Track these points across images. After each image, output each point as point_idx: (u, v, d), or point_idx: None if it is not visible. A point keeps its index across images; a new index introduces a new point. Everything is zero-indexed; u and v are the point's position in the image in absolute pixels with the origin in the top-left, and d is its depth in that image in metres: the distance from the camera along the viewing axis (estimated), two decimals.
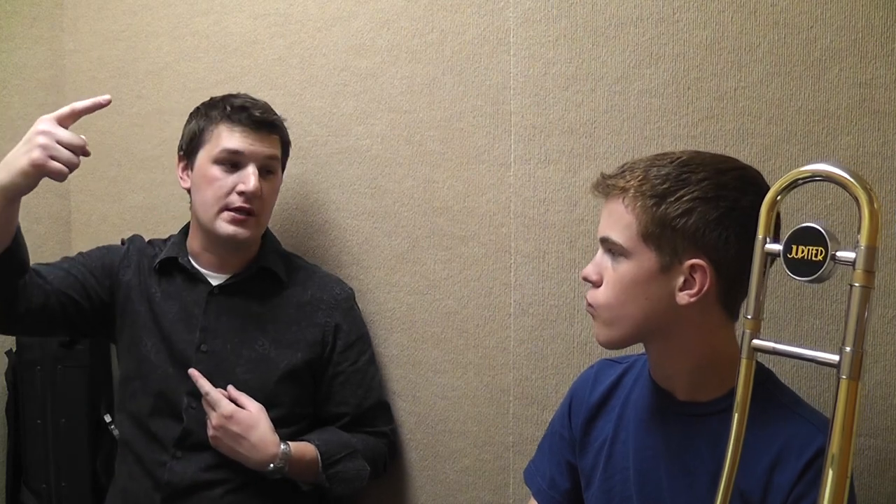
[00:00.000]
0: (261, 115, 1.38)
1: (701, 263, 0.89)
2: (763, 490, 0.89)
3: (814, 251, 0.71)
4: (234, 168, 1.36)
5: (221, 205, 1.35)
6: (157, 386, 1.38)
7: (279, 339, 1.40)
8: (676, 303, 0.91)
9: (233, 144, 1.36)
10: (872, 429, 1.12)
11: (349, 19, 1.55)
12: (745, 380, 0.77)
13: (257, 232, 1.41)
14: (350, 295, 1.50)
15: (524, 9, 1.37)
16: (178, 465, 1.35)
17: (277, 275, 1.44)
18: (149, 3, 1.80)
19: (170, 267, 1.44)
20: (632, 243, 0.92)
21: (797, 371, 1.15)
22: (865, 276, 0.68)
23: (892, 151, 1.10)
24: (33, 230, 1.85)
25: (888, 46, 1.10)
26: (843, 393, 0.67)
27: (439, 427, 1.50)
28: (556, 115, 1.34)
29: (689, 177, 0.90)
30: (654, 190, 0.90)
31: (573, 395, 1.14)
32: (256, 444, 1.29)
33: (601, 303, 0.95)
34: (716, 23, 1.21)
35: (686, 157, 0.93)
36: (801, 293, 1.16)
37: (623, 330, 0.95)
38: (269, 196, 1.41)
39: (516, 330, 1.41)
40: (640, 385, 1.05)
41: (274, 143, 1.41)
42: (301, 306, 1.44)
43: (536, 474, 1.17)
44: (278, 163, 1.43)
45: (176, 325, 1.40)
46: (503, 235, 1.41)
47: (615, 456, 1.04)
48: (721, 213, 0.88)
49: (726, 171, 0.91)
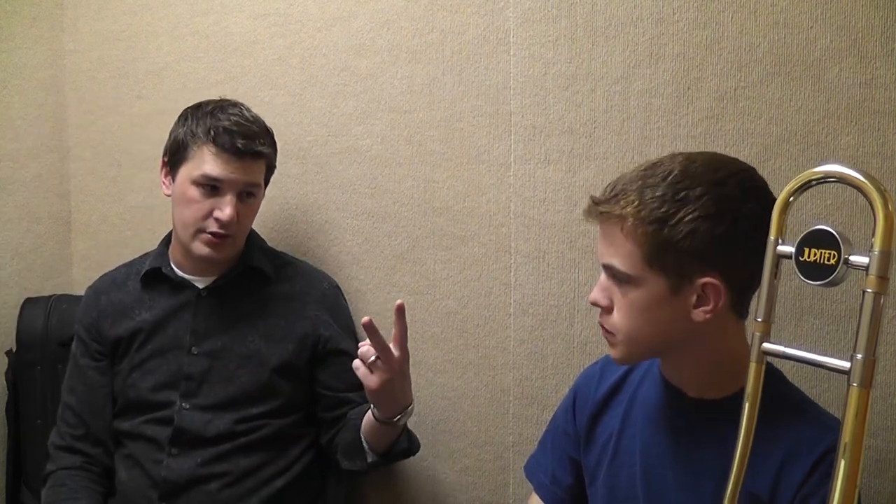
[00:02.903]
0: (244, 145, 1.34)
1: (712, 281, 0.87)
2: (772, 489, 0.88)
3: (826, 255, 0.68)
4: (213, 192, 1.34)
5: (198, 227, 1.35)
6: (149, 395, 1.39)
7: (269, 334, 1.41)
8: (692, 319, 0.90)
9: (213, 171, 1.33)
10: (872, 429, 1.12)
11: (349, 19, 1.55)
12: (755, 383, 0.75)
13: (233, 250, 1.41)
14: (336, 289, 1.51)
15: (524, 9, 1.36)
16: (175, 462, 1.35)
17: (264, 272, 1.44)
18: (149, 3, 1.80)
19: (154, 279, 1.44)
20: (637, 270, 0.89)
21: (797, 370, 1.15)
22: (879, 283, 0.65)
23: (892, 151, 1.10)
24: (33, 230, 1.85)
25: (888, 46, 1.10)
26: (853, 401, 0.65)
27: (439, 427, 1.50)
28: (556, 115, 1.34)
29: (687, 195, 0.87)
30: (652, 215, 0.87)
31: (577, 390, 1.14)
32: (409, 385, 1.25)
33: (620, 330, 0.93)
34: (716, 23, 1.21)
35: (678, 172, 0.88)
36: (800, 294, 1.16)
37: (642, 349, 0.95)
38: (247, 218, 1.40)
39: (516, 330, 1.41)
40: (648, 381, 1.04)
41: (257, 169, 1.39)
42: (289, 301, 1.44)
43: (538, 469, 1.17)
44: (260, 187, 1.41)
45: (166, 333, 1.41)
46: (503, 235, 1.41)
47: (621, 452, 1.03)
48: (726, 227, 0.86)
49: (723, 182, 0.88)
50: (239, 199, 1.36)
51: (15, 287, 1.80)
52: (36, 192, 1.86)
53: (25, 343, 1.75)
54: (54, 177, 1.89)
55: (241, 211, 1.36)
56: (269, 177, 1.46)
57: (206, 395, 1.38)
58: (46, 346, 1.73)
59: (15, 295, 1.78)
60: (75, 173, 1.91)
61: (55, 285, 1.88)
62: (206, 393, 1.38)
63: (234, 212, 1.34)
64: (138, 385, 1.40)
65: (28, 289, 1.83)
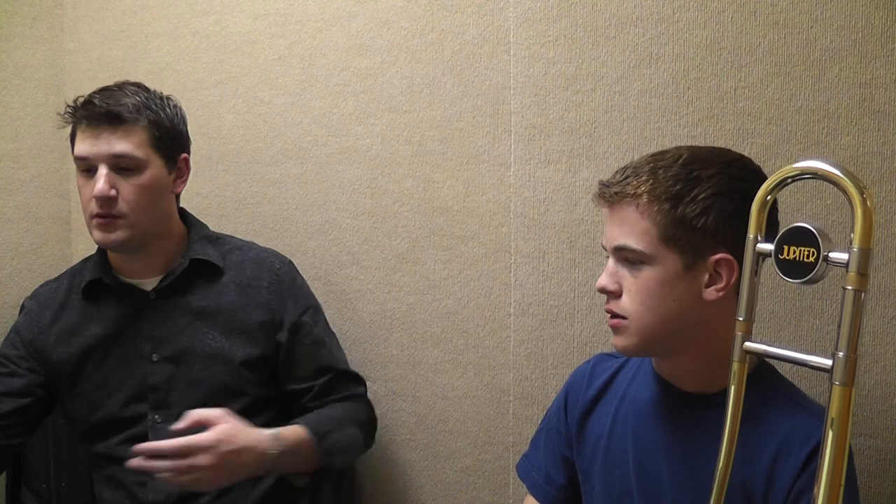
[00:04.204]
0: (101, 105, 1.24)
1: (726, 257, 0.89)
2: (766, 482, 0.89)
3: (806, 252, 0.68)
4: (90, 173, 1.27)
5: (88, 213, 1.28)
6: (118, 413, 1.33)
7: (230, 329, 1.34)
8: (704, 300, 0.91)
9: (79, 150, 1.27)
10: (872, 429, 1.12)
11: (349, 19, 1.55)
12: (738, 383, 0.75)
13: (131, 233, 1.28)
14: (289, 266, 1.43)
15: (524, 9, 1.36)
16: (157, 483, 1.26)
17: (211, 262, 1.36)
18: (149, 3, 1.80)
19: (97, 289, 1.36)
20: (653, 248, 0.91)
21: (796, 370, 1.15)
22: (859, 279, 0.64)
23: (892, 151, 1.10)
24: (33, 230, 1.85)
25: (888, 46, 1.10)
26: (835, 399, 0.65)
27: (439, 427, 1.50)
28: (556, 115, 1.34)
29: (700, 174, 0.90)
30: (668, 192, 0.90)
31: (569, 389, 1.14)
32: (249, 443, 1.18)
33: (631, 312, 0.93)
34: (716, 23, 1.21)
35: (687, 155, 0.93)
36: (800, 293, 1.16)
37: (653, 336, 0.93)
38: (134, 195, 1.27)
39: (516, 330, 1.41)
40: (639, 379, 1.05)
41: (125, 137, 1.26)
42: (242, 288, 1.37)
43: (531, 469, 1.17)
44: (137, 159, 1.27)
45: (123, 345, 1.34)
46: (503, 235, 1.41)
47: (612, 450, 1.04)
48: (737, 205, 0.89)
49: (731, 163, 0.92)
50: (118, 175, 1.26)
51: (15, 287, 1.81)
52: (36, 192, 1.86)
53: None
54: (54, 177, 1.89)
55: (125, 188, 1.26)
56: (167, 150, 1.32)
57: (176, 402, 1.31)
58: None
59: (15, 295, 1.78)
60: (75, 173, 1.91)
61: None
62: (175, 400, 1.31)
63: (105, 185, 1.23)
64: (106, 404, 1.33)
65: (28, 289, 1.82)
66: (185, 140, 1.39)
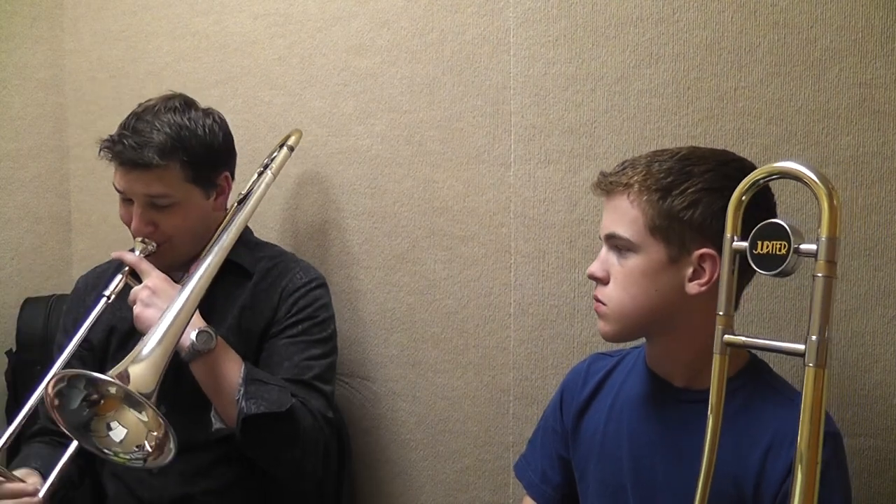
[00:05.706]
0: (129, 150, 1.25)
1: (710, 252, 0.90)
2: (757, 475, 0.90)
3: (777, 245, 0.73)
4: (130, 202, 1.30)
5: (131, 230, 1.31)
6: None
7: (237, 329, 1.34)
8: (686, 293, 0.92)
9: (116, 181, 1.30)
10: (872, 429, 1.12)
11: (349, 19, 1.55)
12: (720, 376, 0.79)
13: (172, 259, 1.32)
14: (313, 279, 1.39)
15: (524, 9, 1.37)
16: (157, 480, 1.30)
17: (242, 266, 1.37)
18: (149, 3, 1.80)
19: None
20: (639, 237, 0.93)
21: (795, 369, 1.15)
22: (827, 267, 0.70)
23: (892, 151, 1.10)
24: (33, 230, 1.85)
25: (888, 46, 1.10)
26: (809, 380, 0.70)
27: (439, 427, 1.50)
28: (556, 115, 1.34)
29: (693, 169, 0.92)
30: (658, 184, 0.92)
31: (564, 388, 1.15)
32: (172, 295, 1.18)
33: (613, 299, 0.96)
34: (716, 23, 1.21)
35: (686, 152, 0.95)
36: (800, 293, 1.16)
37: (631, 323, 0.96)
38: (171, 227, 1.30)
39: (516, 330, 1.41)
40: (633, 376, 1.06)
41: (155, 179, 1.26)
42: (258, 295, 1.37)
43: (528, 468, 1.18)
44: (170, 198, 1.28)
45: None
46: (503, 235, 1.41)
47: (607, 447, 1.05)
48: (726, 202, 0.88)
49: (727, 163, 0.94)
50: (152, 209, 1.29)
51: (15, 287, 1.81)
52: (36, 192, 1.86)
53: (25, 343, 1.76)
54: (54, 177, 1.89)
55: (160, 219, 1.29)
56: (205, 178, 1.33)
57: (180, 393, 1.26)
58: (46, 345, 1.73)
59: (15, 295, 1.79)
60: (75, 173, 1.92)
61: (55, 285, 1.88)
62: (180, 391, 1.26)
63: (140, 223, 1.28)
64: None
65: (28, 289, 1.83)
66: (225, 159, 1.39)
